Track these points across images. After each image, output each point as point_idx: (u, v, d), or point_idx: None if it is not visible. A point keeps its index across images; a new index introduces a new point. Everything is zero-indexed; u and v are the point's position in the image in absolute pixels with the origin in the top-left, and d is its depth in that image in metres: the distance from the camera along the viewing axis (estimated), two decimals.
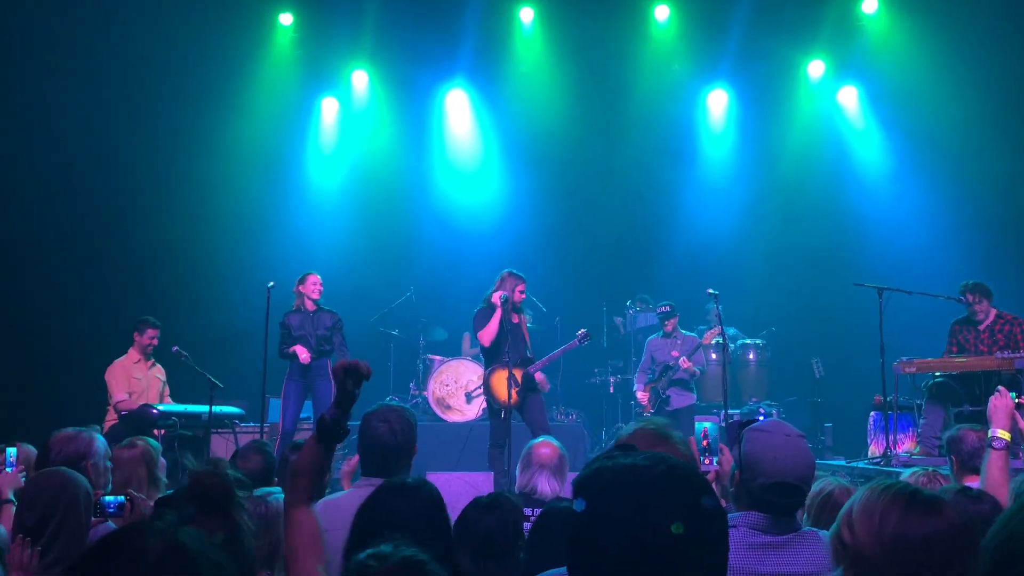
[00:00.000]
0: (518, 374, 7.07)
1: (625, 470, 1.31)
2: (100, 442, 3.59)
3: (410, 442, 3.06)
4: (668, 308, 8.54)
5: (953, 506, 1.70)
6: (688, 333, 8.66)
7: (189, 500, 2.15)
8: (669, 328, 8.55)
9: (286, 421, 7.50)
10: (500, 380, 7.07)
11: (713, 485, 2.71)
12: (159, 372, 7.74)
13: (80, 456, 3.42)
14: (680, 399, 8.38)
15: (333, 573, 2.20)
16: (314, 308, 7.73)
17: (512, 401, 7.03)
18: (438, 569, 1.54)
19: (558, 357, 7.56)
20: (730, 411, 7.93)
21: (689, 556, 1.24)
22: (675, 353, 8.34)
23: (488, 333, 7.11)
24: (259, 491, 3.06)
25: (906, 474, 3.29)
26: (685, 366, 8.26)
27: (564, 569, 1.43)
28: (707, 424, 8.50)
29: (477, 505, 2.71)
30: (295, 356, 7.49)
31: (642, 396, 8.58)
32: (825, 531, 2.52)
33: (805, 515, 2.93)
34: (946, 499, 1.71)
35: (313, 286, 7.73)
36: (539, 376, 7.28)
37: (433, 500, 2.32)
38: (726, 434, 7.45)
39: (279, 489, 3.26)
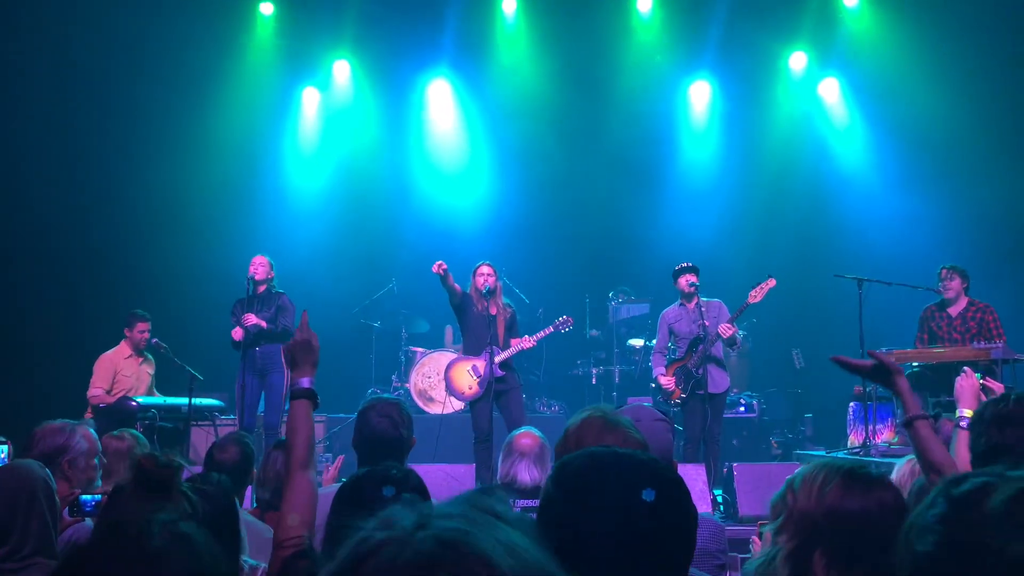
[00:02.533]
0: (481, 365, 6.96)
1: (600, 454, 1.33)
2: (84, 439, 3.46)
3: (410, 435, 3.05)
4: (689, 264, 7.08)
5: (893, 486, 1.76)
6: (709, 299, 7.10)
7: (134, 484, 2.14)
8: (689, 288, 6.99)
9: (244, 417, 7.10)
10: (460, 372, 7.06)
11: None
12: (150, 367, 7.66)
13: (59, 451, 3.33)
14: (717, 381, 6.93)
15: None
16: (264, 290, 7.35)
17: (470, 392, 6.96)
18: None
19: (526, 347, 7.04)
20: None
21: (659, 539, 1.25)
22: (707, 323, 6.87)
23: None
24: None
25: (901, 463, 3.30)
26: (730, 333, 6.78)
27: None
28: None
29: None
30: (239, 344, 7.14)
31: (667, 381, 7.04)
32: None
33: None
34: (887, 478, 1.77)
35: (252, 267, 7.32)
36: (519, 342, 6.97)
37: (420, 491, 2.23)
38: None
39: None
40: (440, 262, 6.70)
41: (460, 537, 0.81)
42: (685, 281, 7.01)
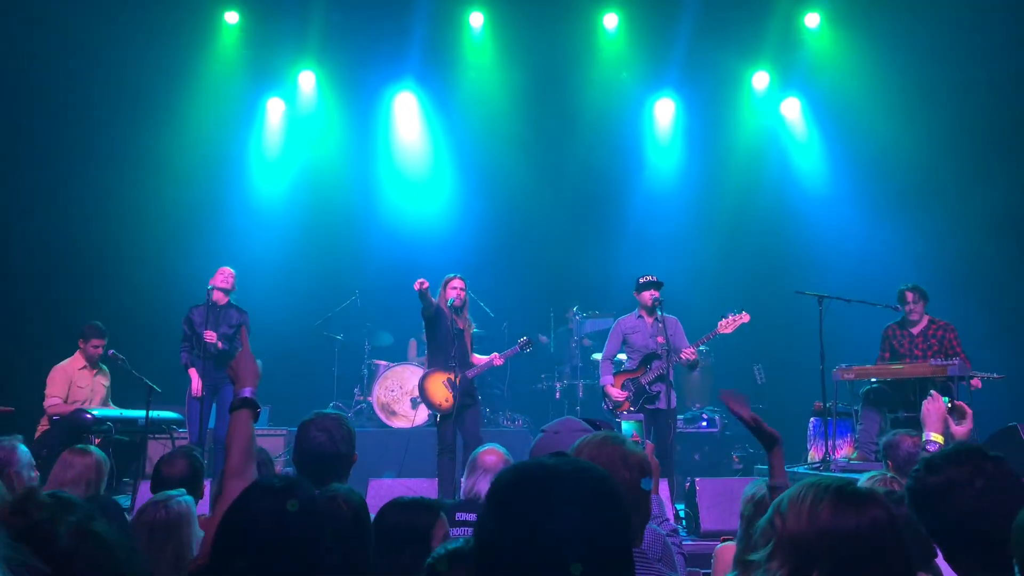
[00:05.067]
0: (456, 379, 6.96)
1: (535, 467, 1.35)
2: (23, 451, 3.59)
3: (350, 452, 2.98)
4: (655, 278, 7.02)
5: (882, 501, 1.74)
6: (666, 315, 7.01)
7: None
8: (652, 303, 6.94)
9: (193, 430, 7.02)
10: (436, 383, 7.04)
11: None
12: (105, 379, 7.51)
13: (3, 463, 3.46)
14: (670, 397, 6.89)
15: None
16: (224, 302, 7.29)
17: (447, 405, 6.94)
18: None
19: (496, 364, 7.14)
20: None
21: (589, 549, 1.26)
22: (660, 339, 6.82)
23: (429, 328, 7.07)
24: (160, 495, 2.94)
25: (864, 479, 3.31)
26: (691, 358, 6.79)
27: None
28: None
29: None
30: (195, 362, 7.08)
31: (617, 393, 6.96)
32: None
33: (740, 521, 2.94)
34: (878, 494, 1.74)
35: (223, 277, 7.28)
36: (488, 358, 7.05)
37: (305, 506, 1.94)
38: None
39: (182, 491, 3.03)
40: (422, 280, 6.66)
41: None
42: (649, 295, 7.02)
